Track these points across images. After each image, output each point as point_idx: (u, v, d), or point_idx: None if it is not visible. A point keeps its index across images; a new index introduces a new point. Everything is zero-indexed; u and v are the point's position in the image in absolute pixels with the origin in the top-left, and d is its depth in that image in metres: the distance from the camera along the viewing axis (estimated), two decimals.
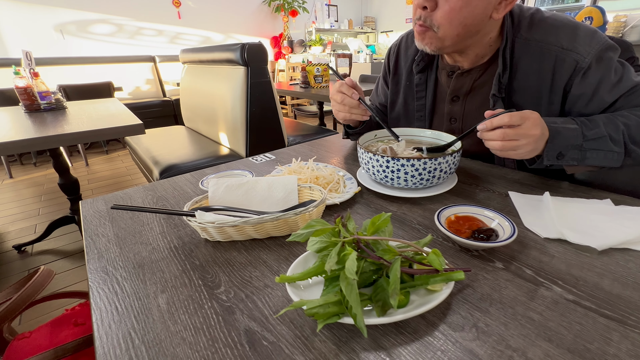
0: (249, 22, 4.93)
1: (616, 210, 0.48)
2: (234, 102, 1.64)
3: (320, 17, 5.52)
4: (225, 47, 1.66)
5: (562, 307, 0.32)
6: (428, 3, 0.54)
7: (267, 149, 1.80)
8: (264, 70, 1.64)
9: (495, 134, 0.47)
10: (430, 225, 0.48)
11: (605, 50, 0.56)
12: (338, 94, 0.67)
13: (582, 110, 0.59)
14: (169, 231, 0.50)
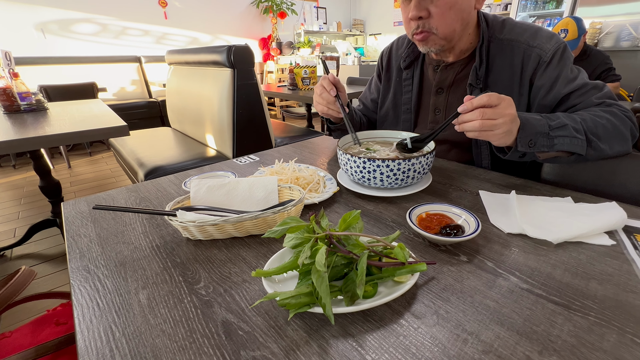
0: (236, 23, 4.93)
1: (575, 207, 0.52)
2: (220, 104, 1.65)
3: (309, 19, 5.56)
4: (211, 49, 1.67)
5: (516, 295, 0.35)
6: (422, 13, 0.62)
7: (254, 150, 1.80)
8: (251, 73, 1.66)
9: (475, 114, 0.50)
10: (404, 222, 0.50)
11: (563, 50, 0.64)
12: (319, 87, 0.72)
13: (541, 101, 0.66)
14: (151, 231, 0.51)
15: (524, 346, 0.29)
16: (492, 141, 0.53)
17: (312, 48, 5.13)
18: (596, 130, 0.56)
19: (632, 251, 0.41)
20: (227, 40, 4.92)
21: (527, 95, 0.67)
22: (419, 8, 0.62)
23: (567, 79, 0.63)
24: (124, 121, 1.31)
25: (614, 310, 0.33)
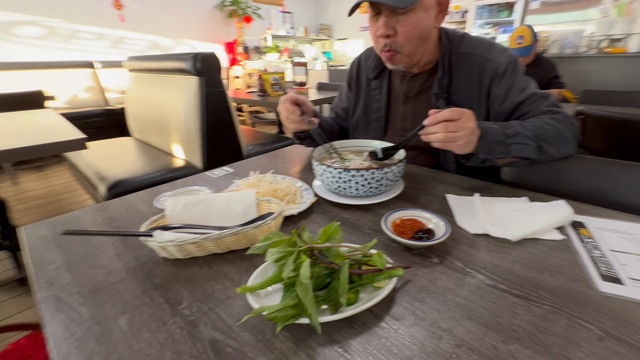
0: (200, 27, 4.83)
1: (530, 206, 0.58)
2: (187, 112, 1.61)
3: (275, 23, 5.58)
4: (176, 57, 1.63)
5: (483, 291, 0.39)
6: (390, 32, 0.68)
7: (225, 159, 1.78)
8: (219, 81, 1.64)
9: (439, 127, 0.56)
10: (380, 229, 0.54)
11: (515, 62, 0.72)
12: (283, 109, 0.76)
13: (498, 109, 0.73)
14: (125, 253, 0.50)
15: (490, 337, 0.33)
16: (454, 150, 0.59)
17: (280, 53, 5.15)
18: (545, 136, 0.64)
19: (578, 244, 0.48)
20: (190, 45, 4.80)
21: (485, 104, 0.74)
22: (387, 27, 0.67)
23: (519, 89, 0.71)
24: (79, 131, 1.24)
25: (564, 298, 0.38)
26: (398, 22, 0.67)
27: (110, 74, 3.72)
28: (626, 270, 0.41)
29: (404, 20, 0.66)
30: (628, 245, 0.47)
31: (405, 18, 0.66)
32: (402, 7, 0.63)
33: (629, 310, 0.36)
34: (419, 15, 0.66)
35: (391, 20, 0.67)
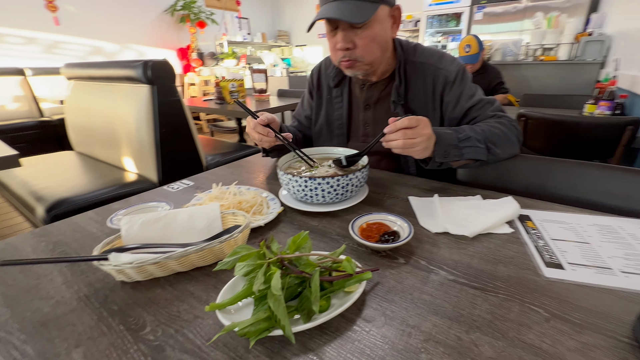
0: (148, 32, 4.62)
1: (483, 203, 0.64)
2: (139, 123, 1.53)
3: (231, 29, 5.52)
4: (124, 64, 1.55)
5: (446, 287, 0.43)
6: (349, 45, 0.72)
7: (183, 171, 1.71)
8: (172, 89, 1.59)
9: (398, 134, 0.60)
10: (347, 234, 0.56)
11: (463, 71, 0.79)
12: (255, 133, 0.76)
13: (450, 114, 0.80)
14: (75, 280, 0.46)
15: (454, 329, 0.36)
16: (414, 155, 0.64)
17: (237, 59, 5.09)
18: (492, 138, 0.70)
19: (525, 235, 0.54)
20: (138, 51, 4.57)
21: (439, 110, 0.80)
22: (346, 40, 0.70)
23: (468, 95, 0.78)
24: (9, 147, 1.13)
25: (516, 286, 0.42)
26: (356, 36, 0.71)
27: (45, 81, 3.41)
28: (565, 256, 0.47)
29: (361, 34, 0.70)
30: (566, 233, 0.53)
31: (363, 31, 0.70)
32: (358, 22, 0.67)
33: (570, 292, 0.41)
34: (375, 28, 0.70)
35: (349, 34, 0.71)
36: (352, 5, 0.66)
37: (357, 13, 0.66)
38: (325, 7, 0.69)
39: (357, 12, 0.66)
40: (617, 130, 1.34)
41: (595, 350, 0.33)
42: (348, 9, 0.66)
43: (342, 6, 0.66)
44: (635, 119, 1.32)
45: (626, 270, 0.44)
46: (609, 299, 0.39)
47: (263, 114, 0.77)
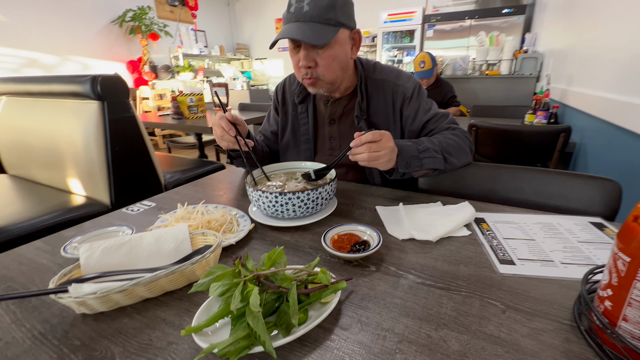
0: (93, 43, 4.38)
1: (443, 209, 0.70)
2: (86, 141, 1.45)
3: (186, 42, 5.42)
4: (69, 79, 1.47)
5: (414, 289, 0.46)
6: (311, 63, 0.76)
7: (139, 191, 1.64)
8: (126, 105, 1.53)
9: (363, 148, 0.65)
10: (320, 247, 0.58)
11: (419, 87, 0.87)
12: (218, 127, 0.76)
13: (410, 127, 0.87)
14: (26, 317, 0.43)
15: (425, 328, 0.39)
16: (378, 167, 0.69)
17: (194, 72, 4.99)
18: (448, 149, 0.78)
19: (481, 237, 0.60)
20: (82, 63, 4.31)
21: (399, 123, 0.87)
22: (308, 59, 0.75)
23: (425, 110, 0.86)
24: None
25: (476, 283, 0.47)
26: (317, 55, 0.75)
27: None
28: (516, 253, 0.54)
29: (322, 54, 0.75)
30: (515, 232, 0.60)
31: (324, 52, 0.75)
32: (319, 44, 0.71)
33: (520, 284, 0.46)
34: (336, 49, 0.76)
35: (311, 53, 0.75)
36: (314, 27, 0.71)
37: (319, 35, 0.71)
38: (289, 26, 0.73)
39: (319, 34, 0.71)
40: (553, 137, 1.52)
41: (544, 334, 0.38)
42: (310, 30, 0.70)
43: (305, 27, 0.71)
44: (567, 127, 1.51)
45: (565, 261, 0.51)
46: (552, 287, 0.45)
47: (233, 113, 0.77)
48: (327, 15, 0.71)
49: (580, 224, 0.62)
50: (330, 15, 0.71)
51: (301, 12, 0.71)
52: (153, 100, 4.60)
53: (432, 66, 2.39)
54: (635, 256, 0.31)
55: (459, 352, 0.36)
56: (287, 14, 0.74)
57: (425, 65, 2.37)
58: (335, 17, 0.72)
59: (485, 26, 4.03)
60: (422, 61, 2.37)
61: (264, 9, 6.42)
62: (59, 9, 3.96)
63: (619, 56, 1.30)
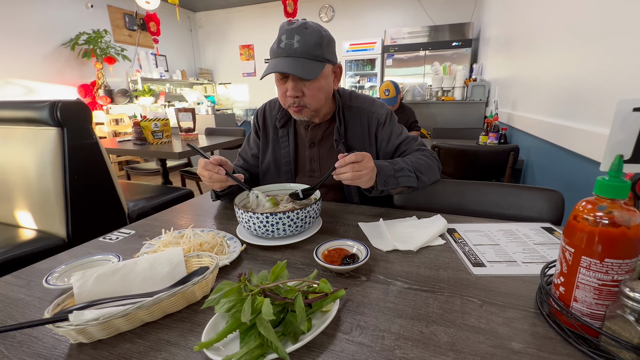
0: (41, 66, 4.17)
1: (419, 222, 0.78)
2: (41, 171, 1.38)
3: (145, 66, 5.34)
4: (22, 105, 1.42)
5: (403, 294, 0.52)
6: (299, 94, 0.83)
7: (99, 222, 1.57)
8: (88, 131, 1.49)
9: (347, 168, 0.72)
10: (310, 262, 0.62)
11: (391, 114, 0.97)
12: (205, 171, 0.79)
13: (384, 149, 0.96)
14: (14, 354, 0.42)
15: (417, 326, 0.44)
16: (360, 185, 0.76)
17: (155, 97, 4.90)
18: (420, 168, 0.87)
19: (454, 244, 0.68)
20: (26, 87, 4.06)
21: (375, 146, 0.96)
22: (296, 90, 0.82)
23: (397, 134, 0.96)
24: None
25: (455, 285, 0.54)
26: (304, 86, 0.83)
27: None
28: (485, 257, 0.62)
29: (309, 85, 0.83)
30: (483, 239, 0.69)
31: (311, 84, 0.83)
32: (309, 79, 0.79)
33: (492, 283, 0.54)
34: (321, 81, 0.84)
35: (298, 84, 0.82)
36: (304, 62, 0.79)
37: (308, 70, 0.79)
38: (280, 61, 0.79)
39: (308, 69, 0.79)
40: (504, 156, 1.72)
41: (515, 321, 0.45)
42: (300, 65, 0.78)
43: (295, 63, 0.78)
44: (515, 146, 1.72)
45: (525, 261, 0.60)
46: (517, 283, 0.54)
47: (215, 156, 0.81)
48: (315, 53, 0.80)
49: (534, 229, 0.73)
50: (317, 52, 0.80)
51: (291, 48, 0.78)
52: (108, 125, 4.42)
53: (395, 94, 2.60)
54: (578, 247, 0.39)
55: (448, 342, 0.41)
56: (276, 49, 0.81)
57: (389, 93, 2.58)
58: (322, 54, 0.81)
59: (438, 56, 4.48)
60: (386, 89, 2.57)
61: (228, 35, 6.56)
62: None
63: (550, 86, 1.53)
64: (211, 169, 0.78)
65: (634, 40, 0.86)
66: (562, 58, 1.41)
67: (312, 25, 0.81)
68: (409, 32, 4.74)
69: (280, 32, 0.80)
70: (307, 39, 0.78)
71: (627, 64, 0.89)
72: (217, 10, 6.46)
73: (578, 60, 1.24)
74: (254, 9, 6.22)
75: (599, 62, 1.06)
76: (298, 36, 0.78)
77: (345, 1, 5.63)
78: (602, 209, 0.38)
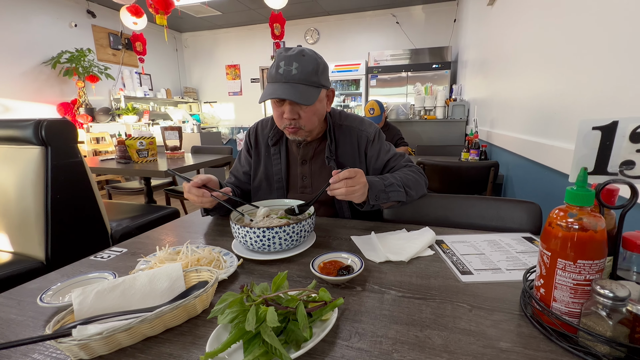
0: (19, 84, 4.10)
1: (409, 235, 0.82)
2: (22, 191, 1.36)
3: (129, 84, 5.33)
4: (5, 124, 1.40)
5: (397, 302, 0.55)
6: (295, 116, 0.88)
7: (81, 243, 1.54)
8: (73, 150, 1.48)
9: (341, 184, 0.76)
10: (307, 275, 0.64)
11: (379, 132, 1.03)
12: (192, 196, 0.83)
13: (374, 165, 1.01)
14: None
15: (412, 330, 0.47)
16: (354, 200, 0.80)
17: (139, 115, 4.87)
18: (408, 183, 0.92)
19: (443, 255, 0.71)
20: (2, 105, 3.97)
21: (364, 163, 1.01)
22: (292, 113, 0.86)
23: (385, 151, 1.02)
24: None
25: (446, 292, 0.57)
26: (301, 109, 0.88)
27: None
28: (472, 265, 0.66)
29: (305, 109, 0.88)
30: (469, 249, 0.73)
31: (307, 107, 0.88)
32: (307, 104, 0.84)
33: (479, 289, 0.58)
34: (317, 105, 0.89)
35: (295, 108, 0.87)
36: (301, 88, 0.84)
37: (306, 96, 0.84)
38: (279, 86, 0.84)
39: (306, 95, 0.84)
40: (485, 171, 1.81)
41: (502, 323, 0.48)
42: (298, 91, 0.83)
43: (293, 89, 0.83)
44: (495, 162, 1.81)
45: (509, 268, 0.64)
46: (502, 288, 0.57)
47: (197, 177, 0.83)
48: (312, 79, 0.85)
49: (515, 238, 0.78)
50: (314, 79, 0.85)
51: (290, 74, 0.83)
52: (88, 144, 4.34)
53: (380, 112, 2.71)
54: (554, 251, 0.44)
55: (442, 345, 0.44)
56: (275, 74, 0.85)
57: (374, 112, 2.68)
58: (318, 81, 0.87)
59: (420, 77, 4.70)
60: (371, 108, 2.67)
61: (214, 55, 6.67)
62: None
63: (525, 106, 1.65)
64: (196, 193, 0.81)
65: (595, 64, 0.96)
66: (533, 80, 1.53)
67: (309, 53, 0.86)
68: (392, 55, 4.97)
69: (279, 59, 0.85)
70: (305, 66, 0.84)
71: (590, 86, 0.99)
72: (204, 31, 6.58)
73: (548, 82, 1.35)
74: (241, 30, 6.38)
75: (566, 83, 1.17)
76: (296, 63, 0.83)
77: (330, 25, 5.87)
78: (573, 216, 0.43)
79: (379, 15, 5.55)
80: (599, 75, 0.93)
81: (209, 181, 0.85)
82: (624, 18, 0.81)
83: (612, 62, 0.86)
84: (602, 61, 0.91)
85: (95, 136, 4.43)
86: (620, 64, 0.83)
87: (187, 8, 5.02)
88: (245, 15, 5.66)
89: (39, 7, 4.29)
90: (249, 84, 6.55)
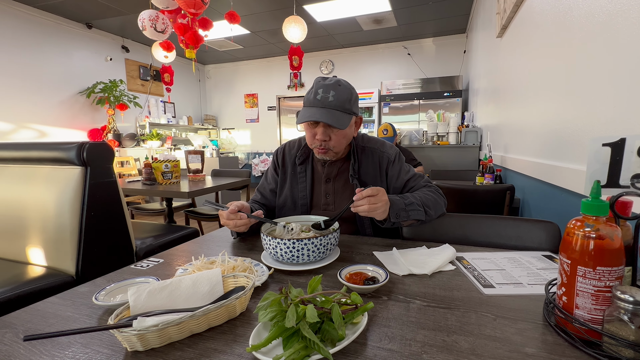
0: (56, 112, 4.41)
1: (430, 251, 0.84)
2: (60, 208, 1.45)
3: (154, 112, 5.63)
4: (50, 146, 1.52)
5: (423, 310, 0.57)
6: (327, 138, 0.95)
7: (108, 259, 1.60)
8: (109, 170, 1.59)
9: (364, 201, 0.80)
10: (334, 285, 0.68)
11: (399, 153, 1.08)
12: (229, 221, 0.88)
13: (394, 185, 1.06)
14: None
15: (439, 335, 0.50)
16: (376, 217, 0.85)
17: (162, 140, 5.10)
18: (427, 203, 0.96)
19: (464, 270, 0.74)
20: (39, 131, 4.26)
21: (385, 182, 1.06)
22: (324, 135, 0.94)
23: (405, 171, 1.07)
24: None
25: (470, 302, 0.59)
26: (332, 132, 0.95)
27: None
28: (493, 279, 0.68)
29: (337, 132, 0.95)
30: (490, 265, 0.75)
31: (338, 131, 0.95)
32: (341, 128, 0.92)
33: (502, 301, 0.60)
34: (347, 130, 0.96)
35: (327, 130, 0.95)
36: (337, 114, 0.92)
37: (340, 121, 0.92)
38: (317, 110, 0.91)
39: (340, 120, 0.92)
40: (502, 194, 1.82)
41: (527, 331, 0.50)
42: (334, 116, 0.91)
43: (329, 113, 0.91)
44: (510, 185, 1.83)
45: (530, 282, 0.66)
46: (525, 301, 0.59)
47: (232, 204, 0.90)
48: (346, 106, 0.93)
49: (535, 256, 0.79)
50: (347, 106, 0.94)
51: (327, 100, 0.91)
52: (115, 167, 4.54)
53: (393, 134, 2.79)
54: (573, 259, 0.47)
55: (469, 348, 0.47)
56: (313, 99, 0.93)
57: (388, 133, 2.77)
58: (351, 108, 0.95)
59: (432, 105, 4.81)
60: (385, 129, 2.77)
61: (234, 85, 7.02)
62: (21, 77, 4.03)
63: (538, 131, 1.68)
64: (234, 218, 0.87)
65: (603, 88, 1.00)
66: (545, 106, 1.58)
67: (344, 84, 0.95)
68: (403, 84, 5.13)
69: (317, 86, 0.94)
70: (340, 95, 0.92)
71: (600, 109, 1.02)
72: (226, 63, 6.98)
73: (559, 107, 1.39)
74: (260, 62, 6.74)
75: (577, 108, 1.21)
76: (333, 91, 0.92)
77: (344, 56, 6.14)
78: (589, 226, 0.46)
79: (391, 47, 5.80)
80: (609, 98, 0.97)
81: (242, 207, 0.92)
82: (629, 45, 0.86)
83: (620, 85, 0.91)
84: (610, 85, 0.96)
85: (120, 160, 4.65)
86: (628, 88, 0.87)
87: (213, 43, 5.39)
88: (265, 49, 6.01)
89: (80, 42, 4.69)
90: (266, 112, 6.81)
